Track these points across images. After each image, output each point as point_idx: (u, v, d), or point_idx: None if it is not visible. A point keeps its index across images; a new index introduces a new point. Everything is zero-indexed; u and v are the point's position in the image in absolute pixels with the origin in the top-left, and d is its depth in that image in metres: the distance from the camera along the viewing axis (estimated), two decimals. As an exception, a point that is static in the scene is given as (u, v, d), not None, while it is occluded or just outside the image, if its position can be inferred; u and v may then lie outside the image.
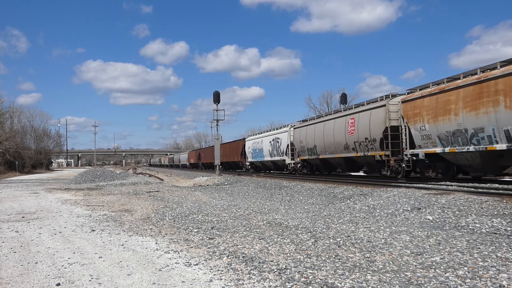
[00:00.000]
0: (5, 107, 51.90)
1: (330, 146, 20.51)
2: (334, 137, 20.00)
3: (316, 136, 22.04)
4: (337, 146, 19.74)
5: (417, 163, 14.86)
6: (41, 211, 10.39)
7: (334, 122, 20.21)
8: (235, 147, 40.21)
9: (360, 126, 17.63)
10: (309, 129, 23.19)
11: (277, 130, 29.13)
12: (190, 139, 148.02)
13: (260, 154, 31.95)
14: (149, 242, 6.08)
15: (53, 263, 4.92)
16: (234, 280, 4.02)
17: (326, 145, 20.96)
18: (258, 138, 32.89)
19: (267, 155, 30.30)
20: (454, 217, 7.39)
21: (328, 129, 20.79)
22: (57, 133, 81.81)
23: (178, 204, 11.41)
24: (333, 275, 4.09)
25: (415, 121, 14.45)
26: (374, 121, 16.62)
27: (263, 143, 31.12)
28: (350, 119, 18.69)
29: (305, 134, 23.57)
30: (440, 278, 3.89)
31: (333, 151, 20.33)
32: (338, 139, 19.57)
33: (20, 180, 31.13)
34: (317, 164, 23.76)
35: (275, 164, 29.83)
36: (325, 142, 21.02)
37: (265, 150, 30.58)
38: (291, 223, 7.56)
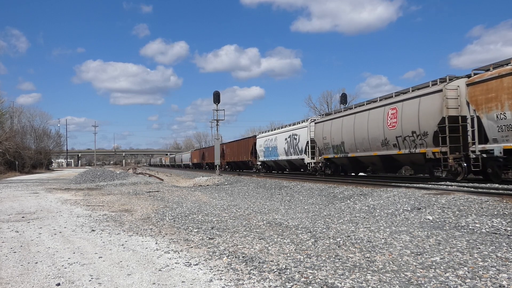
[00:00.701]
0: (5, 107, 51.97)
1: (362, 143, 17.66)
2: (368, 131, 17.12)
3: (345, 131, 19.26)
4: (373, 143, 16.86)
5: (488, 161, 11.95)
6: (41, 211, 10.39)
7: (369, 114, 17.25)
8: (244, 146, 37.47)
9: (405, 117, 14.88)
10: (335, 124, 20.36)
11: (294, 125, 26.41)
12: (190, 139, 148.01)
13: (273, 152, 29.34)
14: (149, 242, 6.08)
15: (53, 263, 4.92)
16: (234, 280, 4.02)
17: (357, 141, 18.11)
18: (271, 135, 30.15)
19: (282, 154, 27.68)
20: (454, 217, 7.39)
21: (360, 123, 17.85)
22: (57, 133, 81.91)
23: (178, 204, 11.41)
24: (333, 275, 4.09)
25: (488, 108, 11.55)
26: (425, 111, 13.84)
27: (277, 141, 28.44)
28: (391, 109, 15.75)
29: (330, 129, 20.77)
30: (440, 278, 3.89)
31: (367, 148, 17.44)
32: (374, 134, 16.72)
33: (20, 180, 31.13)
34: (344, 163, 20.91)
35: (291, 164, 27.29)
36: (356, 138, 18.17)
37: (279, 148, 27.97)
38: (291, 223, 7.56)
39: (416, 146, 14.46)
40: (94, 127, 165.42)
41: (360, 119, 18.05)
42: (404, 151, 15.13)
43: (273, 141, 29.44)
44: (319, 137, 22.27)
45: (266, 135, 31.56)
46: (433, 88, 13.86)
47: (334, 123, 20.65)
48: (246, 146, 36.96)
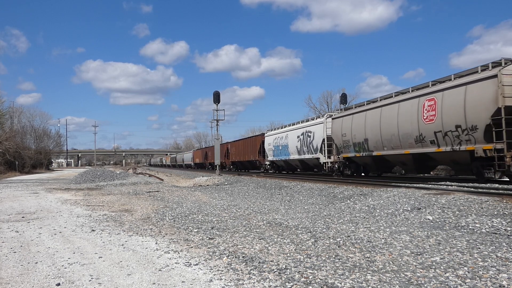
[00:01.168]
0: (5, 107, 51.98)
1: (391, 140, 15.66)
2: (398, 127, 15.11)
3: (369, 127, 17.17)
4: (404, 139, 14.86)
5: None
6: (41, 211, 10.39)
7: (399, 107, 15.24)
8: (252, 144, 35.17)
9: (446, 109, 12.99)
10: (357, 118, 18.35)
11: (308, 122, 24.29)
12: (190, 139, 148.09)
13: (284, 151, 27.17)
14: (149, 242, 6.08)
15: (53, 263, 4.93)
16: (234, 280, 4.02)
17: (384, 138, 16.05)
18: (281, 133, 27.87)
19: (293, 153, 25.58)
20: (454, 217, 7.39)
21: (389, 117, 15.80)
22: (57, 133, 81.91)
23: (178, 204, 11.41)
24: (333, 275, 4.09)
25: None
26: (474, 101, 11.96)
27: (288, 139, 26.32)
28: (427, 100, 13.76)
29: (350, 125, 18.73)
30: (440, 278, 3.89)
31: (396, 146, 15.41)
32: (406, 129, 14.73)
33: (20, 180, 31.13)
34: (367, 163, 18.85)
35: (304, 164, 25.10)
36: (382, 134, 16.14)
37: (291, 146, 25.90)
38: (291, 223, 7.56)
39: (460, 142, 12.52)
40: (94, 127, 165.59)
41: (388, 113, 15.88)
42: (444, 149, 13.10)
43: (283, 139, 27.32)
44: (337, 134, 20.14)
45: (276, 133, 29.18)
46: (484, 74, 11.82)
47: (355, 118, 18.44)
48: (253, 145, 34.77)
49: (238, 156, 38.81)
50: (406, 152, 15.00)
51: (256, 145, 33.70)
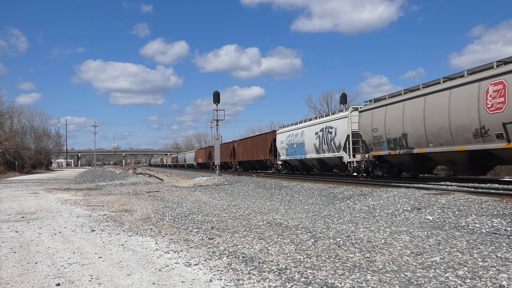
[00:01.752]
0: (5, 107, 51.98)
1: (439, 134, 13.32)
2: (450, 118, 12.76)
3: (408, 120, 14.83)
4: (458, 133, 12.53)
5: None
6: (41, 211, 10.39)
7: (450, 94, 12.89)
8: (261, 143, 32.52)
9: None
10: (392, 110, 15.91)
11: (329, 116, 21.61)
12: (190, 139, 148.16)
13: (299, 150, 24.65)
14: (149, 242, 6.08)
15: (53, 263, 4.92)
16: (234, 280, 4.02)
17: (429, 132, 13.75)
18: (296, 130, 25.30)
19: (311, 151, 22.97)
20: (454, 217, 7.39)
21: (436, 107, 13.46)
22: (57, 133, 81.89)
23: (178, 204, 11.41)
24: (333, 275, 4.09)
25: None
26: None
27: (304, 136, 23.78)
28: (493, 84, 11.43)
29: (383, 118, 16.28)
30: (440, 278, 3.89)
31: (446, 142, 13.05)
32: (461, 120, 12.38)
33: (20, 180, 31.13)
34: (405, 162, 16.13)
35: (323, 164, 22.60)
36: (427, 127, 13.81)
37: (307, 144, 23.32)
38: (291, 223, 7.56)
39: None
40: (94, 127, 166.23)
41: (434, 102, 13.55)
42: None
43: (298, 136, 24.73)
44: (366, 129, 17.64)
45: (290, 130, 26.52)
46: None
47: (390, 110, 16.00)
48: (263, 143, 32.05)
49: (246, 156, 36.13)
50: (460, 149, 12.50)
51: (267, 143, 31.15)
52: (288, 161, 27.41)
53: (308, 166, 25.27)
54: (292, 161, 26.73)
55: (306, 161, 24.38)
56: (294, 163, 26.74)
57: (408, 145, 15.05)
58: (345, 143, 19.09)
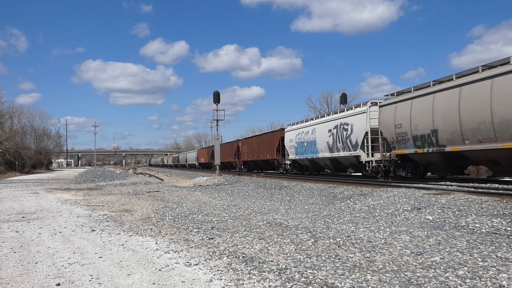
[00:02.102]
0: (5, 107, 52.00)
1: (478, 130, 11.75)
2: (492, 111, 11.17)
3: (439, 114, 13.29)
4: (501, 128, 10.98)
5: None
6: (41, 211, 10.39)
7: (492, 84, 11.29)
8: (268, 141, 30.60)
9: None
10: (420, 104, 14.27)
11: (344, 112, 19.85)
12: (190, 139, 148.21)
13: (310, 148, 23.03)
14: (149, 242, 6.08)
15: (53, 263, 4.93)
16: (234, 280, 4.02)
17: (466, 127, 12.16)
18: (307, 127, 23.63)
19: (323, 150, 21.43)
20: (454, 217, 7.39)
21: (474, 99, 11.88)
22: (57, 133, 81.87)
23: (178, 204, 11.41)
24: (333, 275, 4.09)
25: None
26: None
27: (316, 133, 22.16)
28: None
29: (409, 112, 14.73)
30: (440, 278, 3.90)
31: (488, 138, 11.47)
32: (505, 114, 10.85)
33: (20, 180, 31.14)
34: (434, 161, 14.65)
35: (337, 163, 21.03)
36: (463, 122, 12.24)
37: (320, 142, 21.69)
38: (291, 223, 7.56)
39: None
40: (94, 127, 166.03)
41: (472, 93, 12.02)
42: None
43: (309, 134, 23.03)
44: (387, 125, 16.07)
45: (299, 127, 24.77)
46: None
47: (417, 103, 14.43)
48: (270, 142, 30.11)
49: (252, 155, 34.02)
50: (506, 146, 10.91)
51: (274, 142, 29.14)
52: (297, 161, 25.69)
53: (320, 166, 23.69)
54: (301, 161, 25.08)
55: (318, 160, 22.73)
56: (304, 162, 25.12)
57: (439, 143, 13.42)
58: (363, 140, 17.35)
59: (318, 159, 22.46)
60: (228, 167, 44.39)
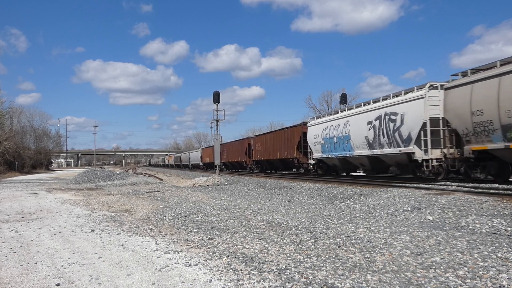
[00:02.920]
0: (5, 107, 51.99)
1: None
2: None
3: None
4: None
5: None
6: (41, 211, 10.38)
7: None
8: (286, 138, 26.81)
9: None
10: None
11: (390, 99, 15.97)
12: (190, 139, 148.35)
13: (341, 145, 19.47)
14: (149, 242, 6.08)
15: (53, 263, 4.92)
16: (234, 280, 4.02)
17: None
18: (337, 120, 20.11)
19: (360, 146, 17.75)
20: (454, 217, 7.39)
21: None
22: (57, 133, 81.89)
23: (178, 204, 11.40)
24: (333, 275, 4.08)
25: None
26: None
27: (350, 127, 18.63)
28: None
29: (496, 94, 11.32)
30: (440, 278, 3.89)
31: None
32: None
33: (20, 180, 31.12)
34: None
35: (378, 162, 17.47)
36: None
37: (355, 137, 18.09)
38: (291, 223, 7.56)
39: None
40: (94, 127, 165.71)
41: None
42: None
43: (340, 127, 19.60)
44: (459, 113, 12.83)
45: (327, 120, 21.38)
46: None
47: (507, 81, 11.07)
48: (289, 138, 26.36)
49: (266, 154, 30.53)
50: None
51: (294, 138, 25.28)
52: (323, 160, 22.13)
53: (352, 165, 20.43)
54: (329, 160, 21.52)
55: (352, 159, 19.18)
56: (332, 162, 21.52)
57: None
58: (419, 134, 14.02)
59: (352, 157, 18.83)
60: (237, 168, 40.89)
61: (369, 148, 17.23)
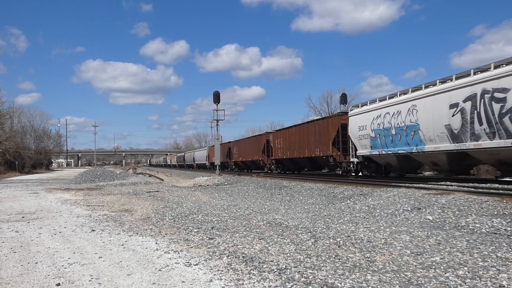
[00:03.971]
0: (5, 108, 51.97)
1: None
2: None
3: None
4: None
5: None
6: (41, 211, 10.39)
7: None
8: (318, 132, 21.95)
9: None
10: None
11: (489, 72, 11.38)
12: (190, 139, 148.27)
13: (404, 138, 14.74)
14: (149, 242, 6.08)
15: (53, 263, 4.93)
16: (234, 280, 4.02)
17: None
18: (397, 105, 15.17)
19: (436, 139, 13.22)
20: (454, 217, 7.39)
21: None
22: (57, 133, 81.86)
23: (178, 204, 11.41)
24: (333, 275, 4.09)
25: None
26: None
27: (418, 112, 13.96)
28: None
29: None
30: (440, 278, 3.90)
31: None
32: None
33: (20, 180, 31.13)
34: None
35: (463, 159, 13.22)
36: None
37: (428, 127, 13.50)
38: (291, 223, 7.56)
39: None
40: (94, 127, 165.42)
41: None
42: None
43: (402, 115, 14.78)
44: None
45: (380, 107, 16.32)
46: None
47: None
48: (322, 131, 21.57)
49: (289, 151, 25.88)
50: None
51: (329, 132, 20.72)
52: (373, 158, 17.41)
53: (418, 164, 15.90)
54: (382, 158, 16.66)
55: (420, 156, 14.45)
56: (386, 160, 16.68)
57: None
58: None
59: (421, 154, 14.14)
60: (251, 168, 35.96)
61: (452, 140, 12.70)
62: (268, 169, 31.34)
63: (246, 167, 37.48)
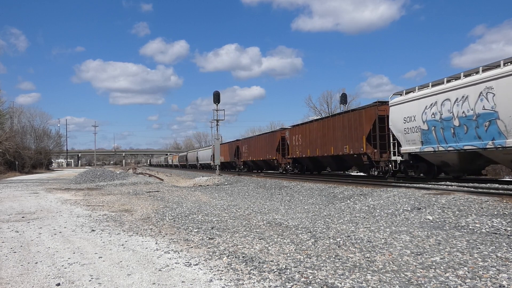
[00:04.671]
0: (5, 108, 52.00)
1: None
2: None
3: None
4: None
5: None
6: (41, 211, 10.39)
7: None
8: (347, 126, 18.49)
9: None
10: None
11: None
12: (190, 139, 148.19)
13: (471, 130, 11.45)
14: (149, 242, 6.08)
15: (53, 263, 4.93)
16: (234, 280, 4.02)
17: None
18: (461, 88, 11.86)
19: None
20: (454, 217, 7.39)
21: None
22: (57, 133, 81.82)
23: (178, 204, 11.41)
24: (333, 275, 4.09)
25: None
26: None
27: (496, 97, 10.52)
28: None
29: None
30: (440, 278, 3.90)
31: None
32: None
33: (20, 180, 31.13)
34: None
35: None
36: None
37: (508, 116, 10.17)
38: (291, 223, 7.56)
39: None
40: (94, 127, 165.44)
41: None
42: None
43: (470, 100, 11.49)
44: None
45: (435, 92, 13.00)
46: None
47: None
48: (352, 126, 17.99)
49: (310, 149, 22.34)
50: None
51: (362, 126, 17.17)
52: (424, 156, 14.03)
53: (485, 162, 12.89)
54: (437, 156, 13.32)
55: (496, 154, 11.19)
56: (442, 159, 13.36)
57: None
58: None
59: (500, 150, 10.79)
60: (263, 168, 32.07)
61: None
62: (283, 169, 27.40)
63: (257, 167, 33.14)
